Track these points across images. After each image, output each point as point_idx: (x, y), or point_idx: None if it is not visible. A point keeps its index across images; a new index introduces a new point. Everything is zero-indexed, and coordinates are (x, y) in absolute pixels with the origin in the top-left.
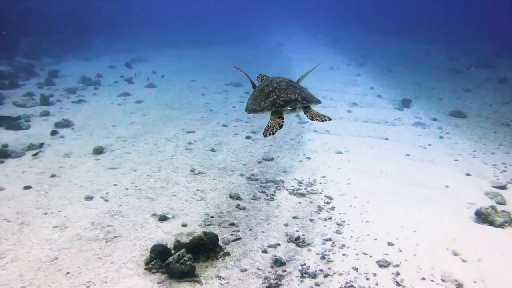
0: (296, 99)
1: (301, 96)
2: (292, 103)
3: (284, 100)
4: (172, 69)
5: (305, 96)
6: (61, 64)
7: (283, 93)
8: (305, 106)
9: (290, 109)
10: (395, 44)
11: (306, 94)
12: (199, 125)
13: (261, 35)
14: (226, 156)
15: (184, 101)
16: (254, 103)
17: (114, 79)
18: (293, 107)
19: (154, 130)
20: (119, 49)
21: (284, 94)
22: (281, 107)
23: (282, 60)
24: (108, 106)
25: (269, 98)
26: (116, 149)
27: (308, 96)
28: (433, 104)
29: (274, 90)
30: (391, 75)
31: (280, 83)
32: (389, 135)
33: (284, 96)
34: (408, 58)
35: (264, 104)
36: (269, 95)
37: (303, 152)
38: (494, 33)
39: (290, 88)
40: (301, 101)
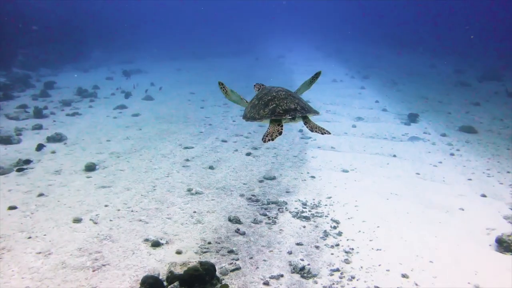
0: (295, 108)
1: (300, 105)
2: (291, 112)
3: (284, 109)
4: (171, 81)
5: (304, 106)
6: (58, 75)
7: (283, 102)
8: (304, 116)
9: (289, 118)
10: (398, 56)
11: (304, 104)
12: (197, 140)
13: (262, 47)
14: (225, 175)
15: (182, 114)
16: (252, 111)
17: (111, 91)
18: (292, 116)
19: (150, 146)
20: (118, 60)
21: (283, 103)
22: (281, 115)
23: (284, 72)
24: (104, 120)
25: (268, 107)
26: (109, 166)
27: (306, 106)
28: (441, 119)
29: (273, 99)
30: (396, 88)
31: (279, 92)
32: (397, 151)
33: (284, 105)
34: (413, 70)
35: (263, 112)
36: (268, 104)
37: (307, 171)
38: (500, 45)
39: (289, 97)
40: (300, 111)
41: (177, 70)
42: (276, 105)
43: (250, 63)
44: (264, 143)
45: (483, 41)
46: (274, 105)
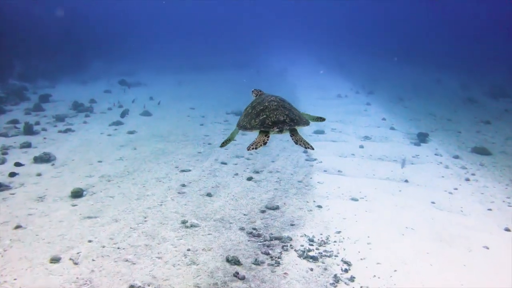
0: (284, 121)
1: (289, 117)
2: (279, 124)
3: (273, 121)
4: (171, 95)
5: (294, 118)
6: (56, 87)
7: (273, 114)
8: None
9: (277, 130)
10: (403, 70)
11: (295, 115)
12: (195, 162)
13: (264, 58)
14: (224, 203)
15: (181, 132)
16: (245, 120)
17: (108, 105)
18: (280, 128)
19: (145, 168)
20: (118, 72)
21: (273, 115)
22: (269, 127)
23: (287, 86)
24: (97, 137)
25: (259, 117)
26: (98, 192)
27: (296, 117)
28: (452, 139)
29: (264, 110)
30: (403, 104)
31: (271, 103)
32: (408, 176)
33: (273, 116)
34: (419, 85)
35: (254, 122)
36: (260, 114)
37: (313, 199)
38: (506, 60)
39: (280, 108)
40: (289, 123)
41: (178, 83)
42: (266, 116)
43: (252, 76)
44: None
45: (488, 55)
46: (264, 116)
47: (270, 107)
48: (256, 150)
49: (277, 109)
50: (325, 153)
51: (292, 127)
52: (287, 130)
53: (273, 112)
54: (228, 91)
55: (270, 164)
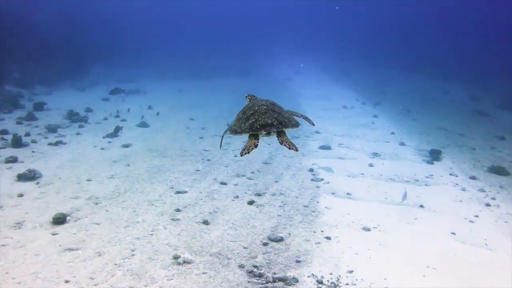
0: (272, 124)
1: (278, 120)
2: (267, 127)
3: (261, 124)
4: (171, 104)
5: (282, 121)
6: (53, 93)
7: (261, 117)
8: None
9: (265, 133)
10: (409, 80)
11: (284, 118)
12: (192, 181)
13: (268, 66)
14: (222, 233)
15: (179, 146)
16: (236, 124)
17: (105, 114)
18: (267, 131)
19: (137, 188)
20: (118, 78)
21: (261, 118)
22: (258, 131)
23: (290, 96)
24: (89, 151)
25: (248, 121)
26: (83, 217)
27: (285, 120)
28: (466, 156)
29: (254, 114)
30: (411, 117)
31: (261, 107)
32: (423, 200)
33: (262, 120)
34: (426, 97)
35: (243, 126)
36: (249, 118)
37: (320, 228)
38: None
39: (269, 112)
40: (276, 126)
41: (179, 91)
42: (255, 120)
43: (255, 84)
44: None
45: (495, 64)
46: (253, 119)
47: (259, 111)
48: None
49: (266, 112)
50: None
51: (279, 129)
52: (275, 132)
53: (261, 116)
54: (230, 100)
55: (274, 184)
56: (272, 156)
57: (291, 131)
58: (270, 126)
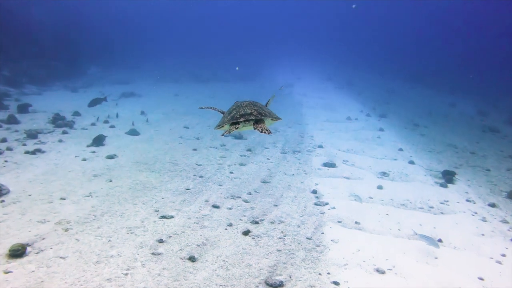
0: (251, 113)
1: (257, 112)
2: (246, 116)
3: (241, 114)
4: (166, 109)
5: (261, 112)
6: (43, 94)
7: (242, 109)
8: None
9: (243, 120)
10: (414, 91)
11: (264, 111)
12: (180, 203)
13: (269, 72)
14: (211, 273)
15: (169, 159)
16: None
17: (93, 119)
18: (246, 118)
19: (117, 210)
20: (114, 80)
21: (242, 110)
22: (237, 119)
23: (292, 104)
24: (69, 162)
25: (230, 114)
26: (47, 248)
27: (265, 112)
28: (481, 179)
29: (236, 108)
30: (419, 131)
31: (243, 102)
32: (441, 233)
33: (242, 111)
34: (433, 110)
35: (225, 119)
36: (231, 112)
37: (326, 269)
38: None
39: (250, 105)
40: (255, 115)
41: (175, 96)
42: (236, 112)
43: (256, 90)
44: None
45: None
46: (234, 112)
47: (242, 105)
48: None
49: (247, 105)
50: (337, 194)
51: (258, 118)
52: (253, 120)
53: (242, 108)
54: (229, 107)
55: (273, 209)
56: (271, 173)
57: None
58: (249, 115)
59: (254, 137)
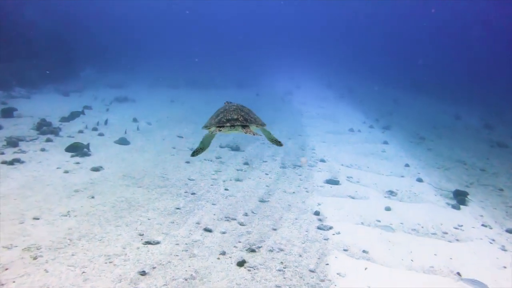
0: (237, 119)
1: (243, 117)
2: (232, 121)
3: (227, 118)
4: (160, 116)
5: (247, 118)
6: (32, 97)
7: (228, 113)
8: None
9: (229, 125)
10: (417, 102)
11: (250, 117)
12: (168, 226)
13: (268, 79)
14: None
15: (159, 172)
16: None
17: (82, 126)
18: (232, 124)
19: (96, 234)
20: (108, 83)
21: (228, 114)
22: (223, 123)
23: (292, 113)
24: (50, 174)
25: (218, 117)
26: (8, 282)
27: (251, 118)
28: (495, 200)
29: (223, 111)
30: (425, 145)
31: (231, 107)
32: (459, 264)
33: (228, 115)
34: (437, 122)
35: (213, 121)
36: (219, 115)
37: None
38: None
39: (237, 110)
40: (241, 121)
41: (171, 102)
42: (223, 116)
43: (254, 97)
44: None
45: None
46: (221, 116)
47: (228, 109)
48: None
49: (234, 110)
50: (342, 216)
51: (243, 124)
52: (239, 126)
53: (229, 113)
54: None
55: (271, 234)
56: (270, 190)
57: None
58: (235, 120)
59: (251, 149)
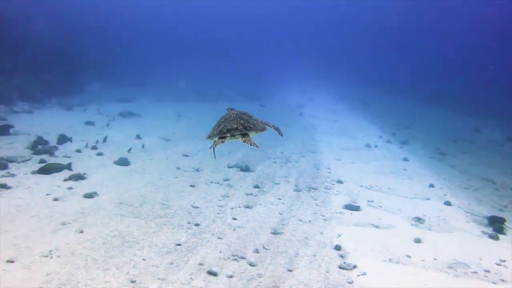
0: (236, 128)
1: (243, 126)
2: (232, 131)
3: (227, 129)
4: (165, 132)
5: (247, 126)
6: (34, 112)
7: (228, 123)
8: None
9: (229, 135)
10: (433, 114)
11: (249, 124)
12: (166, 268)
13: (278, 92)
14: None
15: (160, 198)
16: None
17: (80, 145)
18: (232, 134)
19: (79, 281)
20: (114, 97)
21: (228, 124)
22: (224, 134)
23: (304, 127)
24: (37, 202)
25: (219, 128)
26: None
27: (250, 125)
28: None
29: (224, 121)
30: (447, 162)
31: (231, 115)
32: None
33: (228, 125)
34: (457, 135)
35: (215, 132)
36: (220, 125)
37: None
38: None
39: (237, 119)
40: (241, 130)
41: (178, 116)
42: (224, 126)
43: (264, 110)
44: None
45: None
46: (222, 126)
47: (229, 118)
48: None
49: (234, 119)
50: (366, 251)
51: (243, 132)
52: (239, 135)
53: (229, 122)
54: None
55: (286, 276)
56: (283, 219)
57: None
58: (235, 130)
59: (262, 169)
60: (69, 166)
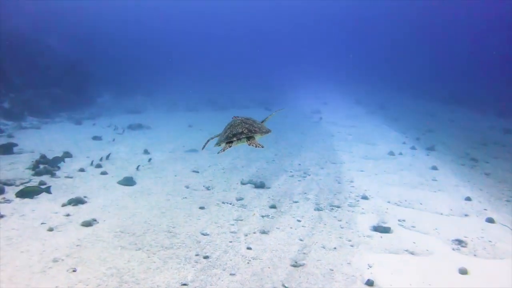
0: (242, 132)
1: (248, 129)
2: (238, 135)
3: (233, 133)
4: (174, 146)
5: (251, 129)
6: (42, 127)
7: (234, 128)
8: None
9: (235, 139)
10: (456, 115)
11: (254, 127)
12: None
13: (292, 97)
14: None
15: (166, 225)
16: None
17: (85, 163)
18: (238, 138)
19: None
20: (125, 109)
21: (234, 129)
22: (230, 139)
23: (320, 135)
24: (30, 233)
25: (226, 134)
26: None
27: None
28: None
29: (230, 127)
30: (480, 169)
31: (236, 121)
32: None
33: (234, 130)
34: (485, 138)
35: (222, 138)
36: (227, 131)
37: None
38: None
39: (242, 124)
40: (246, 133)
41: (188, 127)
42: (230, 132)
43: (278, 118)
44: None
45: None
46: (228, 132)
47: (234, 124)
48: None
49: (239, 124)
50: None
51: (248, 136)
52: (244, 138)
53: (234, 127)
54: None
55: None
56: (305, 247)
57: None
58: (240, 134)
59: (279, 185)
60: (47, 189)
